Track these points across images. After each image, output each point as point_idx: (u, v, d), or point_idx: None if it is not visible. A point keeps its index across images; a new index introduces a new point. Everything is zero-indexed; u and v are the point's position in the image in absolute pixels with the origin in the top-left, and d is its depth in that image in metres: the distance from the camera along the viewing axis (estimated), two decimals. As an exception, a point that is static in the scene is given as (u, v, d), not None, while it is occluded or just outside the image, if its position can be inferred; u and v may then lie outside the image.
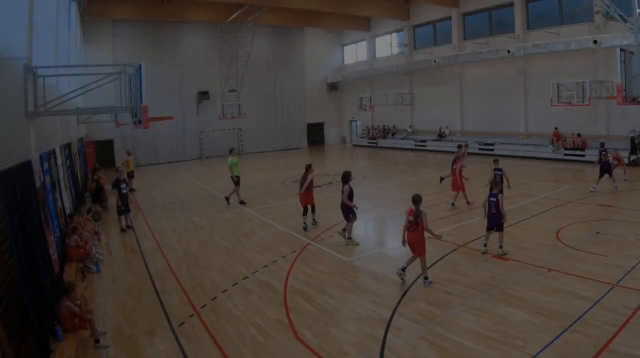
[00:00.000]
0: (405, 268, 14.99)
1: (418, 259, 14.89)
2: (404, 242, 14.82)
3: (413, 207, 14.73)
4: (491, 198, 17.11)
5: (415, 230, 14.61)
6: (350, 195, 19.65)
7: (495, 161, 23.57)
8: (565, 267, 15.37)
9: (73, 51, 32.10)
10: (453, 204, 24.79)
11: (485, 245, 17.33)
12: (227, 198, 29.63)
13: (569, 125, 42.10)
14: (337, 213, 23.64)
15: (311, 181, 22.80)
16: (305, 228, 22.48)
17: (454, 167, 25.07)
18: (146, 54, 50.70)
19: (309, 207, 23.13)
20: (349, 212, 19.71)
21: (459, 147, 27.15)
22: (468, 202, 24.68)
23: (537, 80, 44.82)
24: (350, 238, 19.73)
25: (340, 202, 20.09)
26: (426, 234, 14.87)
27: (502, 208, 16.86)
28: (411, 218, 14.63)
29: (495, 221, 17.05)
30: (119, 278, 17.03)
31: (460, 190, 24.80)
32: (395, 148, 60.19)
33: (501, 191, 17.84)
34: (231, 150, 30.77)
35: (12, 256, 10.38)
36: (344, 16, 59.95)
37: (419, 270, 14.87)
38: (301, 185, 22.77)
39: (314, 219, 23.39)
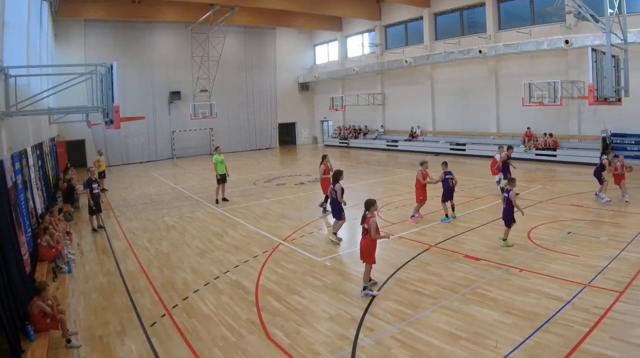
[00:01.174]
0: (369, 283, 14.34)
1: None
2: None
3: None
4: (505, 194, 17.69)
5: (365, 236, 14.22)
6: (341, 195, 20.07)
7: (444, 164, 23.31)
8: (537, 267, 15.46)
9: (45, 51, 31.93)
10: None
11: (505, 240, 17.82)
12: (225, 200, 29.48)
13: (540, 125, 42.35)
14: (309, 213, 23.81)
15: (327, 169, 24.79)
16: (324, 211, 24.41)
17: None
18: (118, 54, 50.88)
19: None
20: (340, 212, 20.08)
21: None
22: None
23: (509, 80, 45.05)
24: (335, 233, 19.95)
25: (332, 200, 20.71)
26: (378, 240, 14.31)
27: (514, 202, 17.40)
28: (365, 225, 14.16)
29: (505, 215, 17.59)
30: (90, 278, 16.90)
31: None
32: (367, 148, 60.32)
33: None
34: (216, 148, 30.78)
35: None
36: (316, 16, 60.18)
37: (390, 269, 14.96)
38: (320, 176, 25.39)
39: (325, 208, 24.91)
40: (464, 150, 48.01)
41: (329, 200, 22.12)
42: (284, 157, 58.07)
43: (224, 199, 29.19)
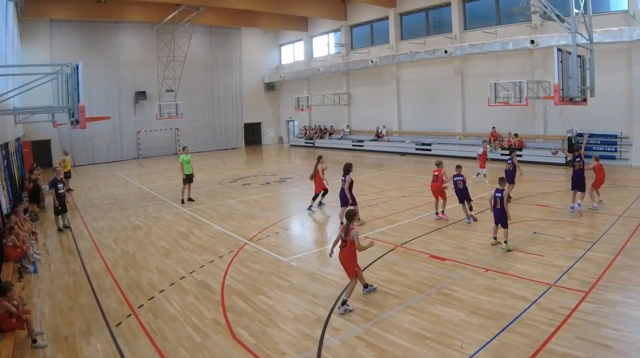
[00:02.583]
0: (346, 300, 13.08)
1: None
2: (330, 254, 14.07)
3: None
4: (496, 194, 17.43)
5: (344, 248, 13.26)
6: (350, 186, 21.10)
7: (458, 167, 22.67)
8: (503, 267, 15.51)
9: (10, 51, 31.65)
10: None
11: (495, 238, 17.70)
12: (190, 199, 29.36)
13: (506, 125, 42.51)
14: (274, 213, 23.83)
15: (322, 170, 25.19)
16: (310, 208, 24.89)
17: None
18: (84, 54, 50.52)
19: (321, 192, 25.69)
20: (347, 201, 21.35)
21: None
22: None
23: (475, 80, 45.24)
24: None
25: (340, 190, 21.92)
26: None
27: (505, 205, 17.20)
28: (342, 234, 13.37)
29: (499, 216, 17.34)
30: (56, 278, 16.75)
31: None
32: (333, 148, 60.24)
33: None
34: (184, 148, 30.56)
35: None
36: (281, 16, 60.13)
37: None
38: (312, 174, 25.55)
39: (320, 202, 25.85)
40: (429, 150, 47.98)
41: (339, 191, 22.42)
42: (250, 157, 58.03)
43: (190, 199, 29.09)
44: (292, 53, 71.63)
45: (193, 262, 17.76)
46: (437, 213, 22.37)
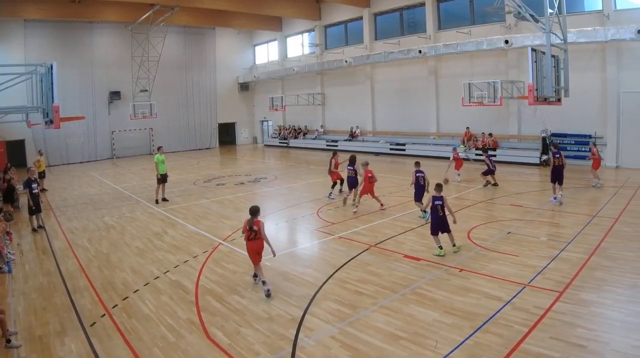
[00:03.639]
0: (257, 276, 15.06)
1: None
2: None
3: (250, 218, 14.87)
4: (436, 202, 17.06)
5: (254, 239, 14.74)
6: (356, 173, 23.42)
7: (417, 163, 23.48)
8: (477, 267, 15.53)
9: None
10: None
11: (441, 248, 17.05)
12: (165, 199, 29.25)
13: (480, 125, 42.63)
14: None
15: (337, 163, 27.58)
16: (330, 196, 27.19)
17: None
18: (58, 54, 50.53)
19: (338, 181, 28.10)
20: (355, 184, 24.83)
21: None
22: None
23: (449, 80, 45.38)
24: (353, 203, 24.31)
25: (348, 177, 25.10)
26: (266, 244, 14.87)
27: (449, 210, 17.06)
28: (248, 226, 14.79)
29: (441, 224, 17.04)
30: (30, 278, 16.66)
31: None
32: (307, 148, 60.29)
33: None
34: (159, 148, 30.38)
35: None
36: (255, 16, 60.10)
37: (330, 269, 15.23)
38: (329, 168, 28.16)
39: (341, 189, 28.34)
40: (404, 150, 48.14)
41: (345, 180, 26.29)
42: (224, 157, 57.95)
43: (164, 199, 28.98)
44: (266, 53, 71.61)
45: (167, 262, 17.69)
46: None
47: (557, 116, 35.08)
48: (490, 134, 41.30)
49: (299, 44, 64.27)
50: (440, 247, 16.93)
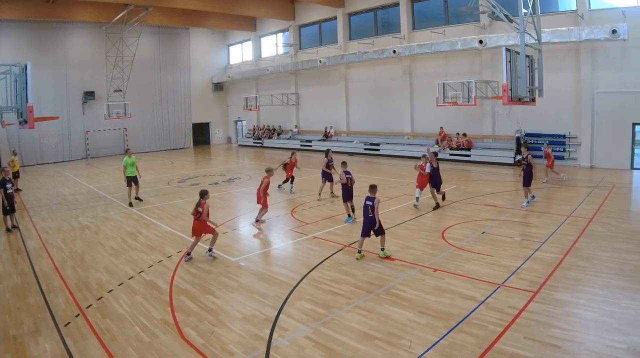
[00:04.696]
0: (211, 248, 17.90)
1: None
2: None
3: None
4: (367, 202, 16.85)
5: (198, 219, 17.43)
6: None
7: (344, 164, 23.58)
8: (451, 267, 15.53)
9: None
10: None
11: (359, 252, 17.01)
12: (135, 199, 28.94)
13: (455, 125, 42.81)
14: (223, 213, 23.91)
15: (293, 163, 30.07)
16: (279, 187, 27.94)
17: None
18: (32, 54, 50.33)
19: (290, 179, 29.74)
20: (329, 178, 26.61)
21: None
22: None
23: (423, 80, 45.53)
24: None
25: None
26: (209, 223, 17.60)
27: (377, 213, 16.69)
28: (200, 208, 17.36)
29: (370, 226, 16.80)
30: (4, 278, 16.51)
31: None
32: (281, 148, 59.87)
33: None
34: (127, 150, 30.22)
35: None
36: (229, 16, 60.13)
37: (304, 269, 15.42)
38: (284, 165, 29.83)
39: (288, 188, 29.95)
40: (378, 150, 48.29)
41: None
42: (198, 157, 57.83)
43: (137, 198, 28.80)
44: (240, 53, 71.61)
45: (141, 262, 17.58)
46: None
47: (531, 116, 35.34)
48: (465, 134, 41.47)
49: (273, 44, 64.25)
50: (359, 251, 17.03)
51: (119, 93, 56.47)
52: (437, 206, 23.87)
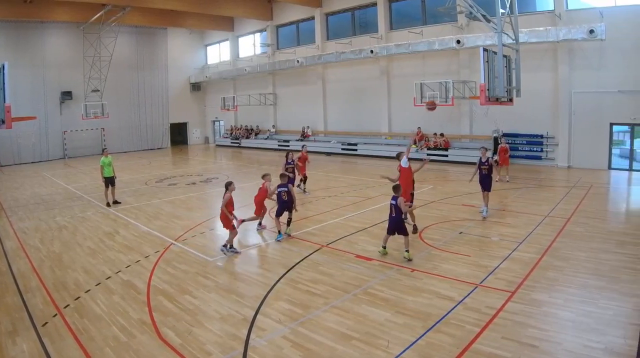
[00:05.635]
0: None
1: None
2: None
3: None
4: (391, 201, 16.55)
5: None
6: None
7: (282, 176, 23.33)
8: (429, 267, 15.52)
9: None
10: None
11: (384, 248, 16.87)
12: (111, 203, 28.48)
13: (432, 125, 42.91)
14: (200, 213, 23.95)
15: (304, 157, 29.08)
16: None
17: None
18: (9, 54, 50.28)
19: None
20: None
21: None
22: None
23: (401, 80, 45.68)
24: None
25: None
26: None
27: (406, 209, 16.78)
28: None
29: (396, 225, 16.42)
30: (-19, 278, 16.45)
31: None
32: (259, 148, 60.41)
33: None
34: (104, 150, 29.85)
35: None
36: (207, 16, 60.07)
37: (282, 269, 15.45)
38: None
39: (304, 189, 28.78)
40: (355, 150, 48.37)
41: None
42: (176, 157, 57.83)
43: (115, 202, 28.43)
44: (218, 53, 71.68)
45: (119, 262, 17.49)
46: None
47: (509, 116, 35.38)
48: (442, 134, 41.63)
49: (251, 44, 64.50)
50: (384, 247, 16.86)
51: (97, 93, 56.15)
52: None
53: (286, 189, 20.08)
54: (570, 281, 13.82)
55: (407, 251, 16.32)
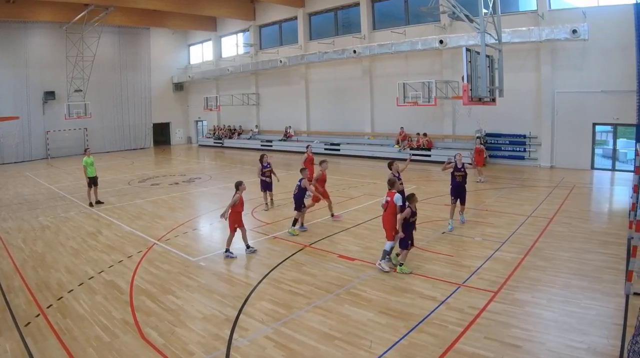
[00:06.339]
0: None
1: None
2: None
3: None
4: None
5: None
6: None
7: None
8: (411, 266, 15.45)
9: None
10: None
11: (397, 255, 16.07)
12: (94, 203, 28.33)
13: (415, 125, 42.97)
14: (183, 213, 23.97)
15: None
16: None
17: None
18: (-8, 54, 49.55)
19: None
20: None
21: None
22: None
23: (383, 80, 45.73)
24: None
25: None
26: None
27: (399, 221, 15.73)
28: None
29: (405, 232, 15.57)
30: (-37, 278, 16.37)
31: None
32: (242, 148, 60.49)
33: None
34: (86, 150, 29.90)
35: None
36: (190, 16, 60.03)
37: (265, 269, 15.51)
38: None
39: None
40: (338, 150, 48.37)
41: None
42: (159, 157, 57.81)
43: (98, 202, 28.29)
44: (200, 53, 71.60)
45: (102, 262, 17.44)
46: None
47: (491, 116, 35.53)
48: (425, 134, 41.66)
49: (234, 44, 64.41)
50: (397, 254, 16.27)
51: (80, 93, 56.06)
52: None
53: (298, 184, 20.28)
54: (553, 281, 13.86)
55: (401, 265, 15.48)
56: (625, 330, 10.73)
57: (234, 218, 17.46)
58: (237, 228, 17.65)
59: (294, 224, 20.55)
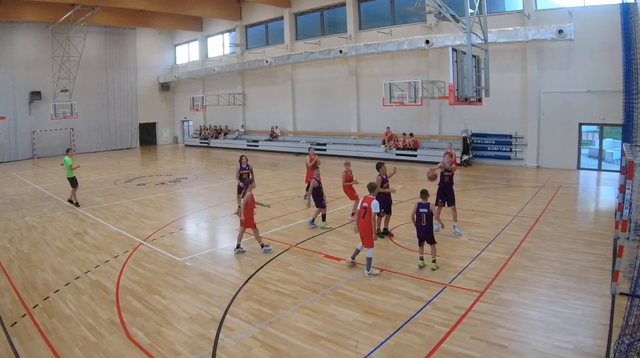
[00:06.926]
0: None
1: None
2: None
3: None
4: (421, 210, 15.72)
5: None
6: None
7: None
8: (398, 266, 15.58)
9: None
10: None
11: (421, 259, 15.79)
12: (70, 201, 28.25)
13: (401, 125, 43.05)
14: (169, 213, 23.91)
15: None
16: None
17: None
18: (-23, 54, 49.41)
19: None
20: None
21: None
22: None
23: (370, 80, 45.85)
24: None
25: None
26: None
27: (437, 218, 16.56)
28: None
29: (426, 233, 15.69)
30: (-51, 279, 16.28)
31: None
32: (228, 148, 60.39)
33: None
34: (67, 150, 29.72)
35: None
36: (176, 16, 60.02)
37: (251, 269, 15.63)
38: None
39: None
40: (324, 150, 48.11)
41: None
42: (145, 157, 57.73)
43: (73, 202, 28.10)
44: (187, 53, 71.57)
45: (88, 262, 17.39)
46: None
47: (478, 116, 35.68)
48: (411, 134, 41.70)
49: (220, 44, 64.57)
50: (421, 258, 16.07)
51: (66, 93, 56.04)
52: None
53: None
54: (539, 281, 13.90)
55: (434, 261, 15.64)
56: (612, 330, 10.76)
57: (247, 215, 17.46)
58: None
59: (323, 219, 21.00)
